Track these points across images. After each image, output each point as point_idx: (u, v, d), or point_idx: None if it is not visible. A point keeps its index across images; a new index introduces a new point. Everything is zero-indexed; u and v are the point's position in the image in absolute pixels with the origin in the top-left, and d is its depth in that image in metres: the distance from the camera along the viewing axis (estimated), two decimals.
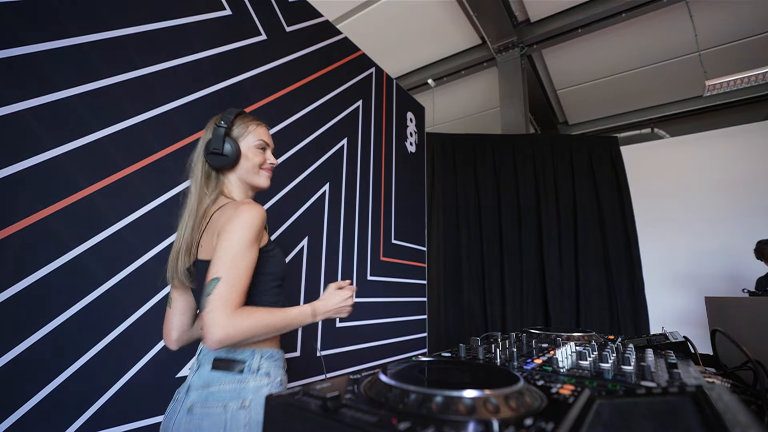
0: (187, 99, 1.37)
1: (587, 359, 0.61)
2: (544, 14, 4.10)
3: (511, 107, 4.34)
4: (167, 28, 1.34)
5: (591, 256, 3.25)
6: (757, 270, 3.01)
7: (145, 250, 1.20)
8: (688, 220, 3.45)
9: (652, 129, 5.64)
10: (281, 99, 1.76)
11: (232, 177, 0.93)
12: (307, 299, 1.76)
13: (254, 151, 0.94)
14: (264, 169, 0.96)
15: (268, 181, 0.98)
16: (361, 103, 2.31)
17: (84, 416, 1.02)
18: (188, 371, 1.14)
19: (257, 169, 0.95)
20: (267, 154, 0.97)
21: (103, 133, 1.14)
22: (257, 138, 0.95)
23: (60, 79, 1.06)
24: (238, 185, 0.94)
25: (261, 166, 0.95)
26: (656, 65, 4.67)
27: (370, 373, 0.47)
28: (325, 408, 0.34)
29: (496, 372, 0.48)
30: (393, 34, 4.33)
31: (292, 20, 1.88)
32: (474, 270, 3.30)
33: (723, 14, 3.82)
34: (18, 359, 0.92)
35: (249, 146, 0.93)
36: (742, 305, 1.03)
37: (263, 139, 0.96)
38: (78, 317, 1.03)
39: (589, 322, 3.08)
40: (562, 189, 3.41)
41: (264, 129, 0.98)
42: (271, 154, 0.99)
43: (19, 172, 0.96)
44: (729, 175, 3.42)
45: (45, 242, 0.99)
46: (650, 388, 0.37)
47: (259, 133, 0.95)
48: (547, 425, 0.30)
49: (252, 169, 0.93)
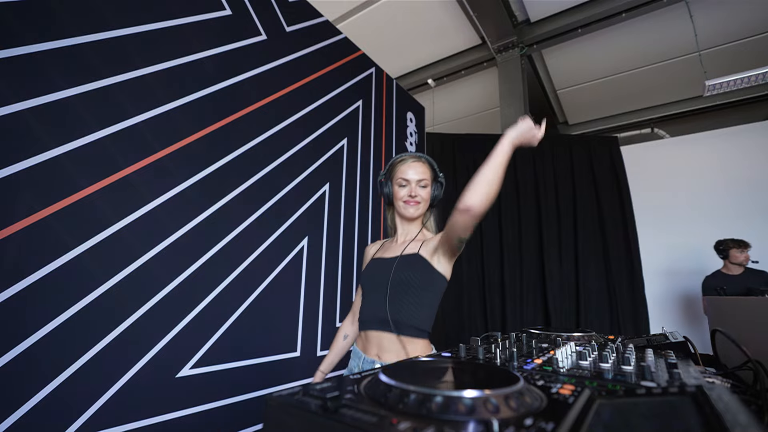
0: (187, 99, 1.37)
1: (587, 359, 0.61)
2: (544, 14, 4.10)
3: (511, 107, 4.34)
4: (167, 28, 1.34)
5: (591, 256, 3.25)
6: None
7: (145, 250, 1.20)
8: (688, 220, 3.45)
9: (652, 129, 5.63)
10: (281, 99, 1.76)
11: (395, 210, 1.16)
12: (307, 299, 1.76)
13: (396, 188, 1.11)
14: (404, 202, 1.10)
15: (408, 210, 1.10)
16: (361, 103, 2.31)
17: (84, 416, 1.02)
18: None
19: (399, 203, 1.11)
20: (407, 188, 1.10)
21: (103, 133, 1.14)
22: (398, 176, 1.10)
23: (60, 79, 1.06)
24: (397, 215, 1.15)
25: (402, 200, 1.10)
26: (656, 65, 4.67)
27: (371, 373, 0.47)
28: (325, 408, 0.34)
29: (496, 372, 0.48)
30: (393, 34, 4.32)
31: (292, 20, 1.88)
32: (474, 270, 3.30)
33: (723, 14, 3.81)
34: (18, 359, 0.92)
35: (394, 185, 1.11)
36: (742, 305, 1.03)
37: (401, 176, 1.10)
38: (78, 317, 1.03)
39: (589, 322, 3.08)
40: (562, 189, 3.41)
41: (406, 166, 1.10)
42: (414, 186, 1.09)
43: (19, 172, 0.96)
44: (729, 175, 3.41)
45: (45, 242, 0.99)
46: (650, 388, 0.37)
47: (400, 171, 1.10)
48: (547, 425, 0.30)
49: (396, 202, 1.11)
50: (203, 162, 1.41)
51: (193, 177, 1.37)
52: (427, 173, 1.12)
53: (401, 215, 1.12)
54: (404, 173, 1.09)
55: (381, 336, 1.02)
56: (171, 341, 1.23)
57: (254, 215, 1.57)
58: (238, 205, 1.51)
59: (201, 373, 1.31)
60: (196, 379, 1.29)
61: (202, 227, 1.37)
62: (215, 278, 1.40)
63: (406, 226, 1.15)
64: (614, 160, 3.45)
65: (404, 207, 1.10)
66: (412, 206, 1.09)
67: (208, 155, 1.42)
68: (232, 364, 1.41)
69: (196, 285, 1.32)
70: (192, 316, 1.30)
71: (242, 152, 1.55)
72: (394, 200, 1.12)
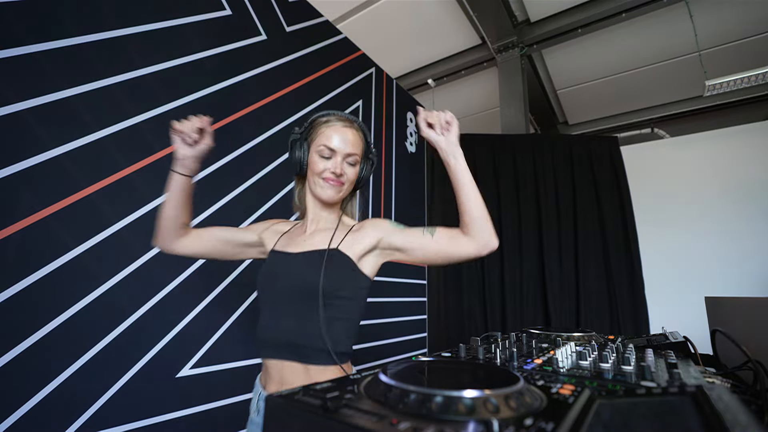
0: (187, 99, 1.37)
1: (587, 359, 0.61)
2: (544, 14, 4.10)
3: (511, 107, 4.33)
4: (167, 28, 1.34)
5: (591, 256, 3.25)
6: (758, 270, 3.01)
7: (145, 250, 1.20)
8: (688, 220, 3.45)
9: (652, 129, 5.63)
10: (281, 99, 1.76)
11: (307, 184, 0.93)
12: None
13: (315, 157, 0.85)
14: (323, 178, 0.85)
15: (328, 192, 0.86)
16: (361, 103, 2.31)
17: (84, 416, 1.02)
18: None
19: (315, 178, 0.86)
20: (332, 161, 0.84)
21: (103, 133, 1.14)
22: (320, 143, 0.84)
23: (60, 79, 1.06)
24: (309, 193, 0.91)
25: (321, 175, 0.85)
26: (656, 65, 4.66)
27: (370, 373, 0.47)
28: (325, 408, 0.34)
29: (496, 372, 0.48)
30: (393, 34, 4.32)
31: (292, 20, 1.88)
32: (474, 270, 3.30)
33: (723, 14, 3.81)
34: (18, 359, 0.92)
35: (313, 152, 0.85)
36: (742, 305, 1.02)
37: (325, 144, 0.84)
38: (78, 317, 1.03)
39: (589, 322, 3.07)
40: (562, 189, 3.41)
41: (332, 131, 0.85)
42: (341, 162, 0.84)
43: (19, 172, 0.96)
44: (729, 175, 3.41)
45: (45, 242, 0.99)
46: (650, 388, 0.37)
47: (325, 136, 0.84)
48: (547, 425, 0.30)
49: (311, 177, 0.88)
50: (203, 162, 1.40)
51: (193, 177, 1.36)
52: (359, 146, 0.87)
53: (316, 196, 0.86)
54: (330, 140, 0.83)
55: (282, 366, 0.78)
56: (171, 341, 1.23)
57: (254, 215, 1.57)
58: (239, 205, 1.51)
59: (201, 373, 1.31)
60: (196, 379, 1.29)
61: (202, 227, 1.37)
62: (215, 278, 1.40)
63: (318, 210, 0.89)
64: (614, 160, 3.45)
65: (322, 186, 0.84)
66: (333, 187, 0.84)
67: (208, 155, 1.42)
68: (232, 364, 1.41)
69: (196, 285, 1.32)
70: (192, 316, 1.30)
71: (242, 152, 1.55)
72: (309, 173, 0.86)
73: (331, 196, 0.85)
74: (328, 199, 0.86)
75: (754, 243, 2.99)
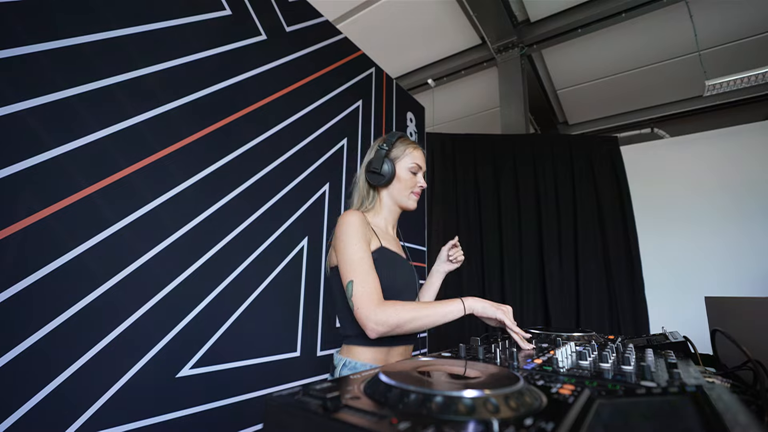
0: (187, 99, 1.37)
1: (587, 359, 0.61)
2: (544, 14, 4.10)
3: (511, 107, 4.34)
4: (167, 28, 1.34)
5: (591, 256, 3.25)
6: (757, 270, 3.01)
7: (145, 250, 1.20)
8: (688, 220, 3.45)
9: (652, 129, 5.63)
10: (281, 99, 1.76)
11: (384, 194, 1.02)
12: (306, 299, 1.76)
13: (407, 173, 1.00)
14: (413, 192, 1.01)
15: (415, 203, 1.02)
16: (360, 103, 2.31)
17: (84, 416, 1.02)
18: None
19: (408, 192, 1.01)
20: (418, 177, 1.01)
21: (103, 133, 1.14)
22: (412, 161, 1.00)
23: (60, 79, 1.06)
24: (388, 203, 1.02)
25: (412, 189, 1.00)
26: (656, 65, 4.67)
27: (370, 373, 0.47)
28: (325, 408, 0.34)
29: (496, 372, 0.48)
30: (393, 34, 4.32)
31: (292, 20, 1.88)
32: (474, 270, 3.30)
33: (723, 14, 3.81)
34: (18, 359, 0.92)
35: (403, 168, 0.99)
36: (742, 305, 1.02)
37: (417, 162, 1.00)
38: (78, 317, 1.03)
39: (589, 322, 3.07)
40: (562, 189, 3.41)
41: (420, 152, 1.02)
42: (422, 177, 1.02)
43: (19, 172, 0.96)
44: (729, 175, 3.41)
45: (45, 242, 0.99)
46: (650, 388, 0.37)
47: (414, 156, 1.00)
48: (547, 425, 0.30)
49: (403, 190, 1.00)
50: (203, 162, 1.41)
51: (194, 177, 1.37)
52: None
53: (402, 206, 1.01)
54: (419, 159, 0.99)
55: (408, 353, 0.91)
56: (171, 341, 1.23)
57: (254, 215, 1.57)
58: (238, 205, 1.51)
59: (201, 373, 1.31)
60: (196, 379, 1.29)
61: (202, 227, 1.37)
62: (215, 278, 1.40)
63: (395, 216, 1.03)
64: (614, 160, 3.45)
65: (411, 199, 1.00)
66: (417, 198, 1.01)
67: (208, 155, 1.42)
68: (232, 364, 1.41)
69: (196, 285, 1.32)
70: (192, 316, 1.30)
71: (242, 152, 1.55)
72: (399, 185, 0.99)
73: (414, 207, 1.02)
74: (414, 208, 1.02)
75: (754, 243, 2.99)
